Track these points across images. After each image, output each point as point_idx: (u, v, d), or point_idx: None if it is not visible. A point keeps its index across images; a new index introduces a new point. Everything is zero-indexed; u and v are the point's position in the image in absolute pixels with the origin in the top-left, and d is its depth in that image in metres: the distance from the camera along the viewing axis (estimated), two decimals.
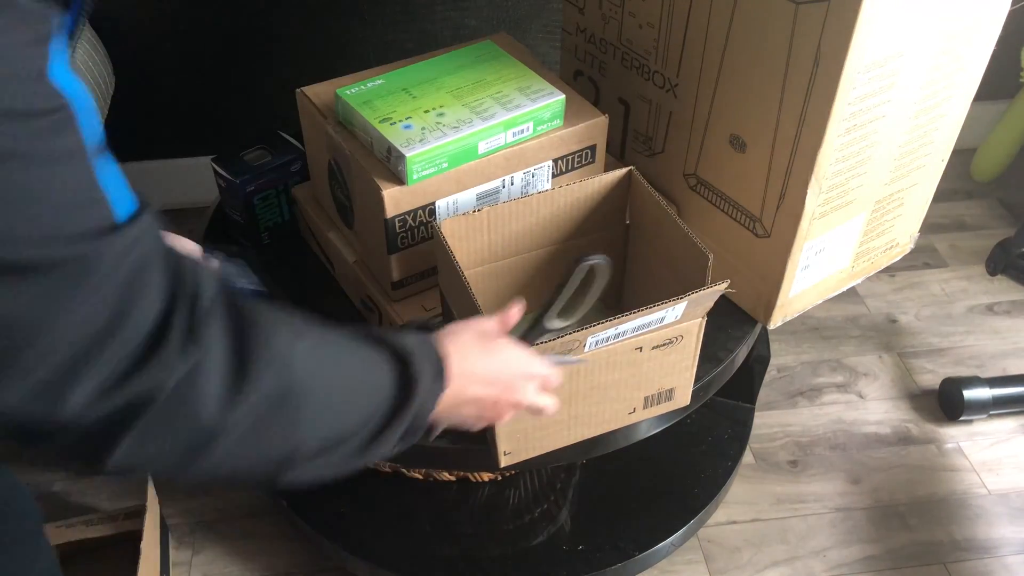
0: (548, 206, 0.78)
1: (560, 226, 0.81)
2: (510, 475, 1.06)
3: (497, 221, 0.76)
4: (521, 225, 0.78)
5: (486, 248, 0.78)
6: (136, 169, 1.54)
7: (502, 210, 0.76)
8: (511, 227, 0.78)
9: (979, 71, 0.84)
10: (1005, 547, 1.10)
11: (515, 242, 0.79)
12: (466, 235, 0.76)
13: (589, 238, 0.83)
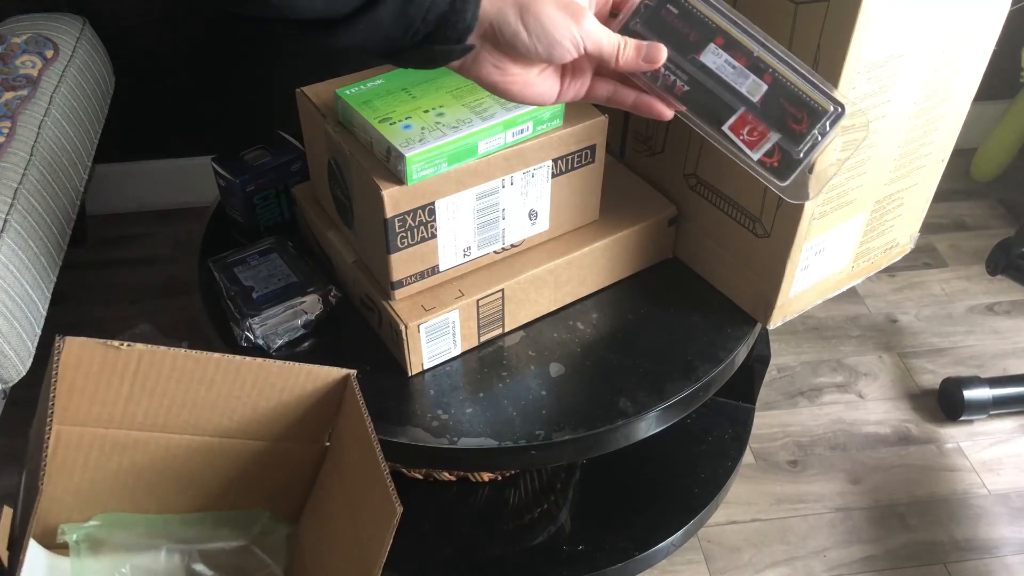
0: (226, 376, 0.70)
1: (230, 413, 0.72)
2: (510, 475, 1.06)
3: (147, 370, 0.67)
4: (177, 388, 0.70)
5: (121, 404, 0.69)
6: (136, 169, 1.54)
7: (154, 358, 0.67)
8: (167, 385, 0.69)
9: (979, 71, 0.84)
10: (1005, 547, 1.10)
11: (161, 413, 0.70)
12: (97, 373, 0.66)
13: (266, 443, 0.76)
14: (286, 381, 0.74)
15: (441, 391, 0.84)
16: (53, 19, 1.25)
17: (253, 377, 0.73)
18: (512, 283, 0.85)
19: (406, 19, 0.48)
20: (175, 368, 0.70)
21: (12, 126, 1.03)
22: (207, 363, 0.71)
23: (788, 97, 0.58)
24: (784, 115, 0.58)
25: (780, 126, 0.58)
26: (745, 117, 0.59)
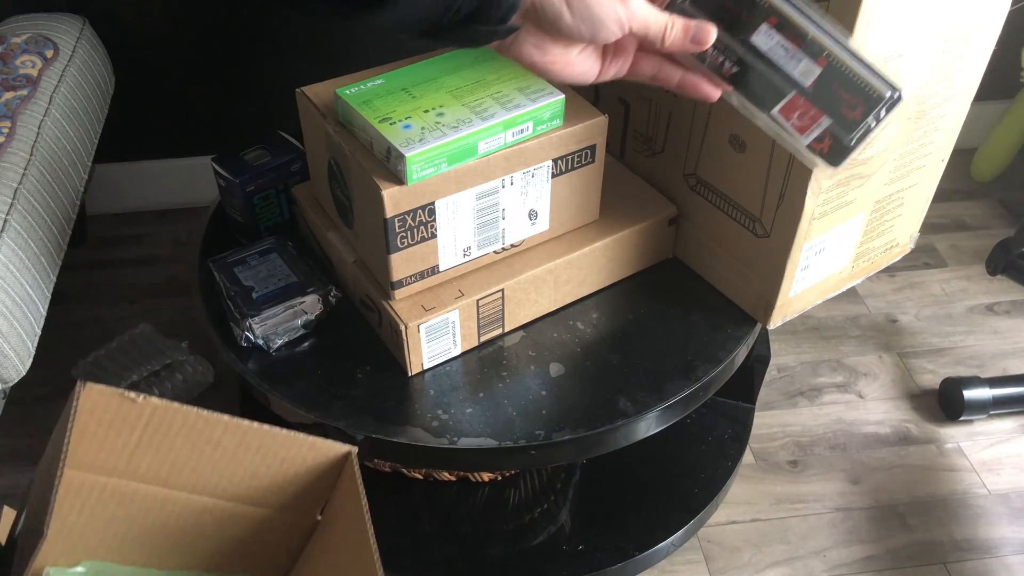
0: (232, 439, 0.71)
1: (230, 475, 0.73)
2: (510, 475, 1.06)
3: (157, 424, 0.69)
4: (184, 445, 0.71)
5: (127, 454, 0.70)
6: (136, 169, 1.54)
7: (167, 414, 0.68)
8: (174, 441, 0.70)
9: (979, 71, 0.84)
10: (1005, 547, 1.10)
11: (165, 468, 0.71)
12: (110, 421, 0.67)
13: (260, 510, 0.76)
14: (288, 450, 0.75)
15: (441, 391, 0.84)
16: (53, 19, 1.25)
17: (258, 443, 0.74)
18: (512, 283, 0.85)
19: (447, 4, 0.47)
20: (185, 425, 0.72)
21: (12, 126, 1.03)
22: (216, 424, 0.72)
23: (843, 82, 0.56)
24: (837, 101, 0.56)
25: (833, 112, 0.56)
26: (796, 101, 0.57)
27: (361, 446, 0.81)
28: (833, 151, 0.58)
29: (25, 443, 1.21)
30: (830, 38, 0.56)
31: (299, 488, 0.78)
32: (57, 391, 1.27)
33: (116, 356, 1.25)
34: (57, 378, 1.27)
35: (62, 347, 1.30)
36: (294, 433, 0.74)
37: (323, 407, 0.82)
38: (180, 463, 0.74)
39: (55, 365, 1.27)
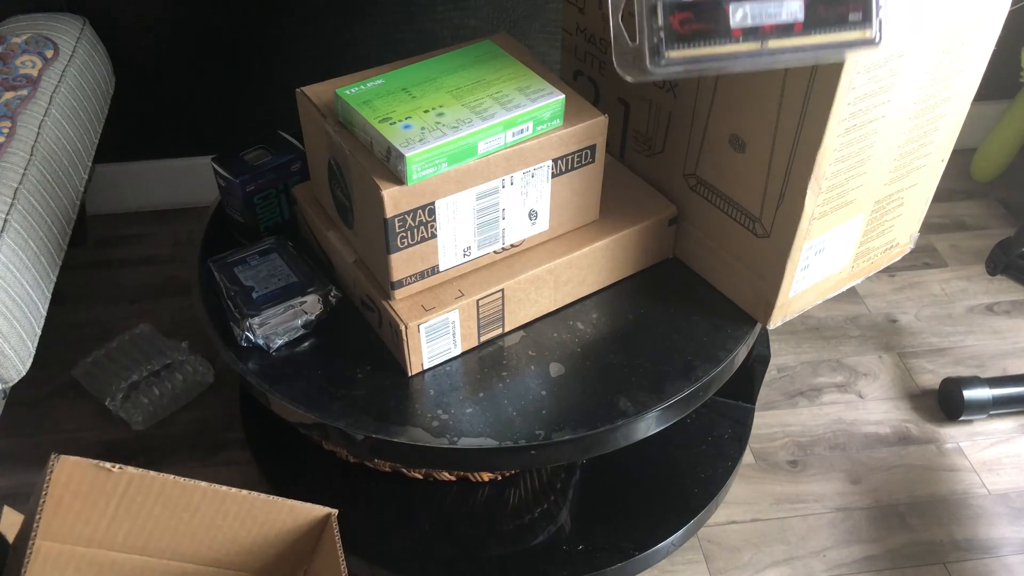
0: (210, 505, 0.70)
1: (210, 541, 0.73)
2: (510, 475, 1.06)
3: (134, 493, 0.68)
4: (162, 513, 0.70)
5: (104, 524, 0.69)
6: (136, 169, 1.54)
7: (143, 482, 0.68)
8: (152, 509, 0.70)
9: (979, 71, 0.84)
10: (1005, 547, 1.10)
11: (143, 536, 0.71)
12: (86, 493, 0.67)
13: (240, 575, 0.76)
14: (268, 515, 0.75)
15: (441, 391, 0.84)
16: (53, 19, 1.25)
17: (236, 508, 0.74)
18: (512, 283, 0.85)
19: None
20: (162, 493, 0.72)
21: (12, 126, 1.03)
22: (194, 491, 0.72)
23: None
24: (838, 13, 0.56)
25: (840, 23, 0.56)
26: None
27: (361, 446, 0.81)
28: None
29: (25, 443, 1.21)
30: None
31: (279, 551, 0.78)
32: (57, 391, 1.27)
33: (116, 356, 1.25)
34: (57, 378, 1.27)
35: (62, 347, 1.30)
36: (273, 498, 0.74)
37: (323, 407, 0.82)
38: (158, 531, 0.74)
39: (55, 365, 1.27)
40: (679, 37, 0.55)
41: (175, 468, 1.17)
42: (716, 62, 0.56)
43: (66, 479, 0.68)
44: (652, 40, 0.55)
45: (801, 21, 0.55)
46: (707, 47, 0.55)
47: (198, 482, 0.73)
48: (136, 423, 1.20)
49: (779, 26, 0.55)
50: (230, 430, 1.22)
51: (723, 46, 0.55)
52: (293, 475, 1.05)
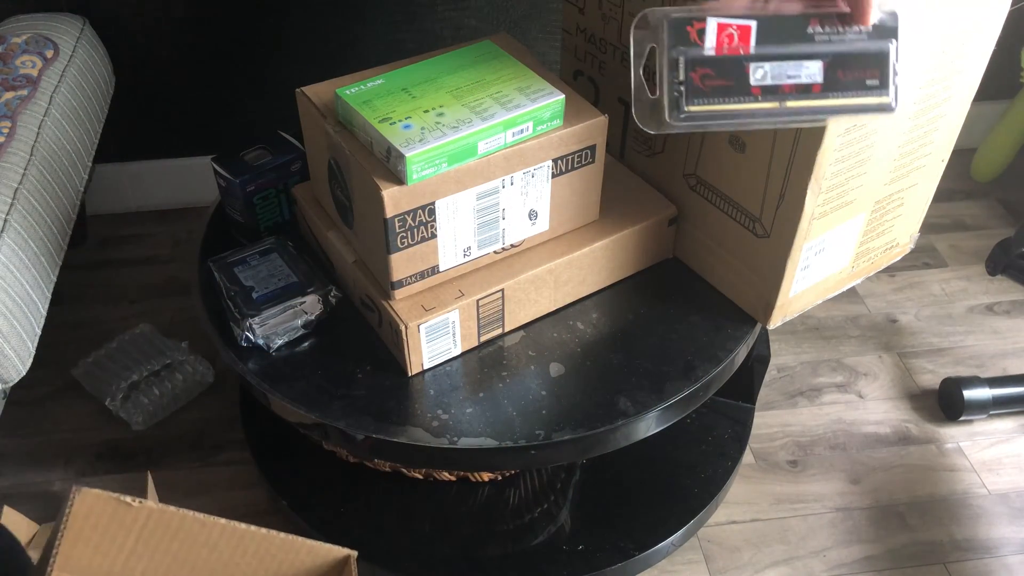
0: (229, 542, 0.71)
1: None
2: (510, 475, 1.06)
3: (153, 527, 0.69)
4: (180, 548, 0.70)
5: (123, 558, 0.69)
6: (136, 169, 1.54)
7: (163, 517, 0.68)
8: (170, 545, 0.70)
9: (979, 71, 0.84)
10: (1005, 547, 1.10)
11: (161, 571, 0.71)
12: (105, 526, 0.67)
13: None
14: (286, 554, 0.75)
15: (441, 391, 0.84)
16: (53, 19, 1.25)
17: (255, 547, 0.74)
18: (512, 283, 0.85)
19: None
20: (181, 529, 0.72)
21: (12, 126, 1.03)
22: (212, 527, 0.72)
23: (849, 63, 0.57)
24: (856, 77, 0.57)
25: (858, 87, 0.57)
26: None
27: (361, 446, 0.81)
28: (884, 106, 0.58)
29: (25, 443, 1.21)
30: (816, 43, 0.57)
31: None
32: (57, 391, 1.27)
33: (116, 356, 1.25)
34: (57, 378, 1.27)
35: (62, 347, 1.30)
36: (292, 537, 0.74)
37: (323, 407, 0.82)
38: (176, 566, 0.73)
39: (55, 365, 1.27)
40: (699, 92, 0.56)
41: (175, 468, 1.17)
42: (734, 118, 0.57)
43: (86, 511, 0.68)
44: (672, 94, 0.56)
45: (820, 83, 0.56)
46: (726, 104, 0.56)
47: (217, 519, 0.73)
48: (136, 423, 1.20)
49: (798, 86, 0.56)
50: (230, 430, 1.22)
51: (742, 103, 0.56)
52: (293, 475, 1.05)
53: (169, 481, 1.15)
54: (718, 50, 0.55)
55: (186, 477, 1.16)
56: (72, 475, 1.17)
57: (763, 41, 0.55)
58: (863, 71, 0.56)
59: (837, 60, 0.56)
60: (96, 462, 1.18)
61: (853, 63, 0.56)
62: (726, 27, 0.55)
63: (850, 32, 0.56)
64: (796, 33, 0.55)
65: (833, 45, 0.56)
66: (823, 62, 0.56)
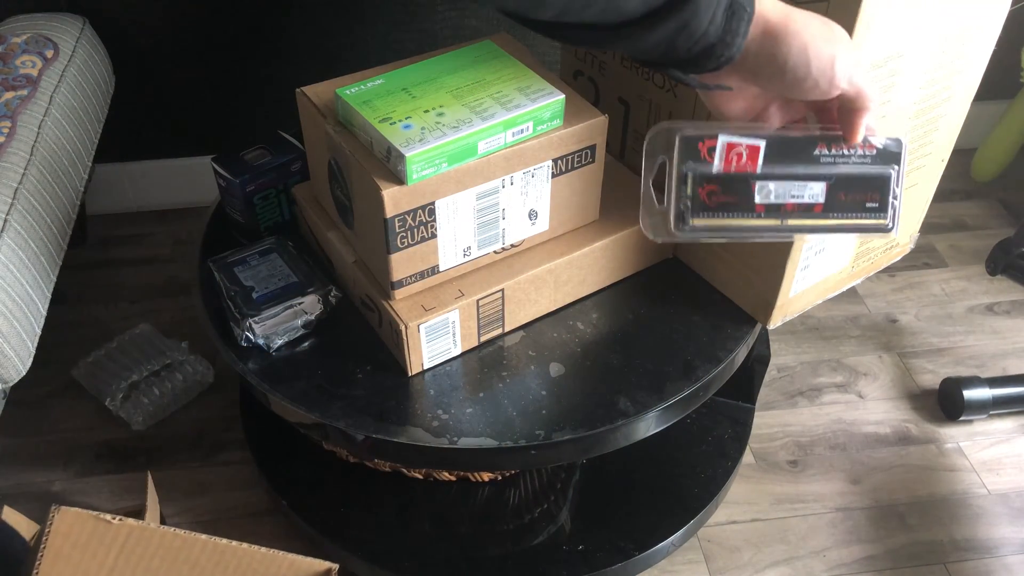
0: (210, 558, 0.71)
1: None
2: (510, 475, 1.06)
3: (134, 545, 0.69)
4: (161, 565, 0.70)
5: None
6: (136, 169, 1.54)
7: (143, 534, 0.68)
8: (150, 562, 0.70)
9: (979, 71, 0.84)
10: (1005, 547, 1.10)
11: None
12: (85, 544, 0.67)
13: None
14: (268, 569, 0.75)
15: (441, 391, 0.84)
16: (53, 19, 1.25)
17: (236, 562, 0.74)
18: (512, 283, 0.85)
19: (671, 47, 0.48)
20: (162, 546, 0.72)
21: (12, 126, 1.03)
22: (193, 543, 0.73)
23: (851, 185, 0.58)
24: (857, 199, 0.59)
25: (858, 209, 0.59)
26: None
27: (361, 446, 0.81)
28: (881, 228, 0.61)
29: (25, 443, 1.21)
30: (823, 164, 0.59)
31: None
32: (57, 391, 1.27)
33: (116, 356, 1.25)
34: (57, 378, 1.27)
35: (62, 347, 1.30)
36: (273, 552, 0.74)
37: (323, 407, 0.82)
38: None
39: (55, 365, 1.27)
40: (704, 207, 0.57)
41: (175, 468, 1.17)
42: (737, 233, 0.58)
43: (66, 529, 0.69)
44: (679, 206, 0.57)
45: (822, 203, 0.58)
46: (730, 219, 0.58)
47: (198, 535, 0.73)
48: (136, 423, 1.20)
49: (800, 206, 0.57)
50: (230, 430, 1.22)
51: (745, 219, 0.58)
52: (293, 475, 1.05)
53: (169, 481, 1.15)
54: (726, 167, 0.57)
55: (186, 477, 1.16)
56: (72, 475, 1.17)
57: (771, 160, 0.57)
58: (864, 194, 0.58)
59: (840, 182, 0.58)
60: (96, 462, 1.18)
61: (855, 185, 0.58)
62: (735, 146, 0.56)
63: (855, 155, 0.58)
64: (803, 154, 0.57)
65: (837, 167, 0.57)
66: (826, 183, 0.57)
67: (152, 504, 1.01)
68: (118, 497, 1.14)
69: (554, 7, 0.45)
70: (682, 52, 0.49)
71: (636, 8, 0.46)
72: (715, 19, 0.47)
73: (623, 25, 0.47)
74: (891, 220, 0.59)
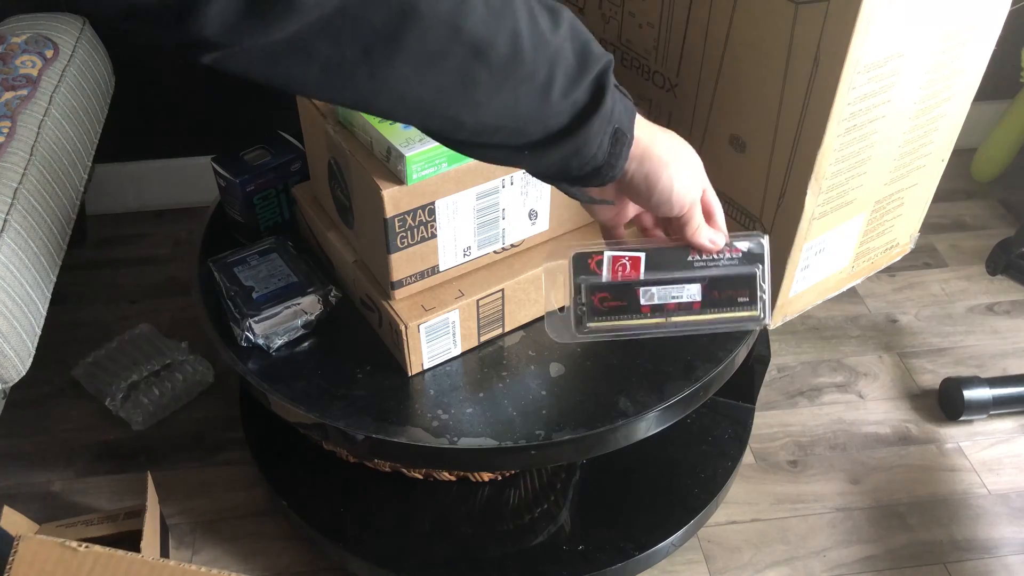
0: None
1: None
2: (510, 475, 1.06)
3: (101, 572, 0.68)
4: None
5: None
6: (136, 169, 1.54)
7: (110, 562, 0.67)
8: None
9: (979, 71, 0.84)
10: (1005, 547, 1.10)
11: None
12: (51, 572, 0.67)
13: None
14: None
15: (441, 391, 0.84)
16: (53, 19, 1.25)
17: None
18: (512, 283, 0.85)
19: (564, 167, 0.56)
20: (129, 572, 0.71)
21: (12, 126, 1.03)
22: (162, 570, 0.72)
23: (722, 284, 0.67)
24: (729, 296, 0.67)
25: (731, 304, 0.67)
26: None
27: (361, 446, 0.81)
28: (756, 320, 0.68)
29: (25, 443, 1.21)
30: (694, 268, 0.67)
31: None
32: (57, 391, 1.27)
33: (116, 356, 1.25)
34: (57, 378, 1.27)
35: (62, 347, 1.30)
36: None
37: (323, 407, 0.82)
38: None
39: (55, 365, 1.27)
40: (598, 311, 0.66)
41: (175, 468, 1.17)
42: (627, 332, 0.67)
43: (31, 558, 0.68)
44: (577, 312, 0.66)
45: (699, 301, 0.66)
46: (620, 320, 0.66)
47: (167, 561, 0.73)
48: (136, 423, 1.20)
49: (680, 304, 0.66)
50: (230, 430, 1.22)
51: (634, 320, 0.66)
52: (293, 475, 1.05)
53: (169, 481, 1.15)
54: (613, 276, 0.66)
55: (186, 477, 1.16)
56: (72, 475, 1.17)
57: (651, 268, 0.66)
58: (735, 291, 0.66)
59: (713, 282, 0.66)
60: (96, 462, 1.18)
61: (726, 284, 0.66)
62: (620, 258, 0.66)
63: (723, 259, 0.66)
64: (679, 261, 0.66)
65: (708, 270, 0.66)
66: (701, 284, 0.66)
67: (152, 504, 1.01)
68: (118, 497, 1.14)
69: (469, 130, 0.52)
70: (574, 171, 0.56)
71: (537, 134, 0.53)
72: (602, 145, 0.55)
73: (525, 147, 0.54)
74: (762, 311, 0.66)
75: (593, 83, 0.53)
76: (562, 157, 0.54)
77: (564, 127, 0.53)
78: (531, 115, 0.51)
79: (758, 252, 0.66)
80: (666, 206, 0.62)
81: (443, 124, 0.52)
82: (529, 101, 0.50)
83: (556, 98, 0.51)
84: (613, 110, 0.54)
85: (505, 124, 0.51)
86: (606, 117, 0.53)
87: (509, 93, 0.49)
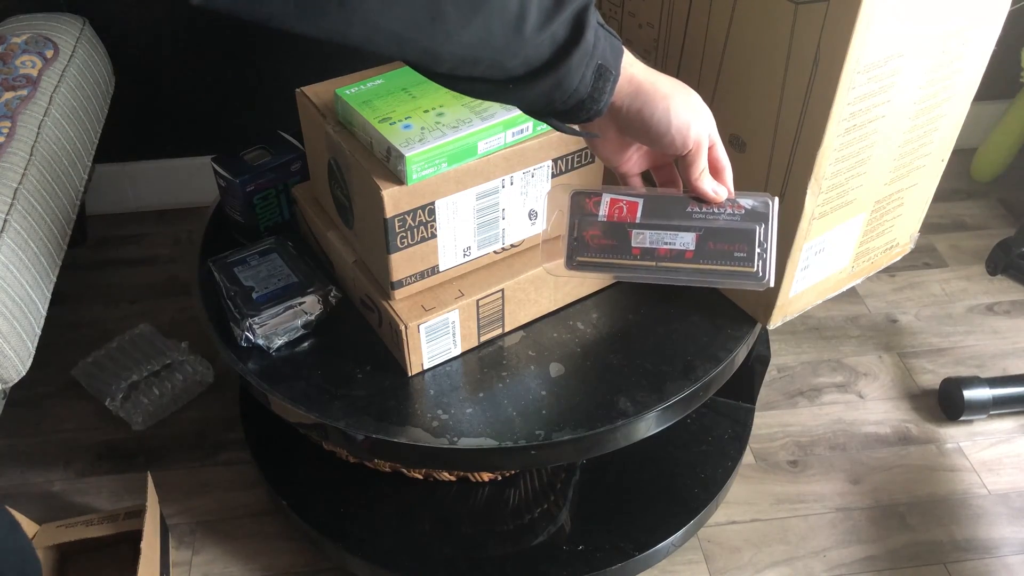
0: None
1: None
2: (510, 475, 1.06)
3: None
4: None
5: None
6: (136, 169, 1.54)
7: None
8: None
9: (979, 71, 0.84)
10: (1005, 547, 1.10)
11: None
12: None
13: None
14: None
15: (441, 391, 0.84)
16: (53, 19, 1.25)
17: None
18: (512, 283, 0.85)
19: (549, 100, 0.57)
20: None
21: (12, 126, 1.03)
22: None
23: (719, 237, 0.66)
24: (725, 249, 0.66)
25: (726, 258, 0.66)
26: None
27: (361, 446, 0.81)
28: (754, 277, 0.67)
29: (25, 443, 1.21)
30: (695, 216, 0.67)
31: None
32: (57, 391, 1.27)
33: (116, 356, 1.25)
34: (57, 378, 1.27)
35: (62, 347, 1.30)
36: None
37: (323, 407, 0.82)
38: None
39: (55, 365, 1.27)
40: (588, 248, 0.67)
41: (175, 468, 1.17)
42: (615, 271, 0.67)
43: None
44: (569, 247, 0.68)
45: (692, 250, 0.66)
46: (609, 259, 0.67)
47: None
48: (136, 423, 1.20)
49: (672, 251, 0.66)
50: (230, 430, 1.22)
51: (623, 260, 0.67)
52: (293, 475, 1.05)
53: (169, 481, 1.15)
54: (608, 217, 0.67)
55: (186, 477, 1.16)
56: (72, 475, 1.17)
57: (648, 215, 0.66)
58: (731, 244, 0.65)
59: (709, 233, 0.65)
60: (96, 462, 1.18)
61: (723, 237, 0.65)
62: (618, 201, 0.67)
63: (724, 214, 0.66)
64: (676, 211, 0.66)
65: (707, 222, 0.66)
66: (696, 234, 0.66)
67: (152, 504, 1.01)
68: (118, 497, 1.14)
69: (448, 62, 0.54)
70: (559, 105, 0.58)
71: (518, 67, 0.54)
72: (584, 79, 0.56)
73: (509, 81, 0.55)
74: (760, 270, 0.65)
75: (572, 18, 0.54)
76: (546, 91, 0.56)
77: (545, 62, 0.54)
78: (507, 48, 0.53)
79: (762, 211, 0.65)
80: (666, 139, 0.61)
81: (421, 56, 0.54)
82: (502, 33, 0.52)
83: (531, 31, 0.52)
84: (595, 45, 0.55)
85: (482, 56, 0.53)
86: (587, 51, 0.55)
87: (480, 25, 0.51)
